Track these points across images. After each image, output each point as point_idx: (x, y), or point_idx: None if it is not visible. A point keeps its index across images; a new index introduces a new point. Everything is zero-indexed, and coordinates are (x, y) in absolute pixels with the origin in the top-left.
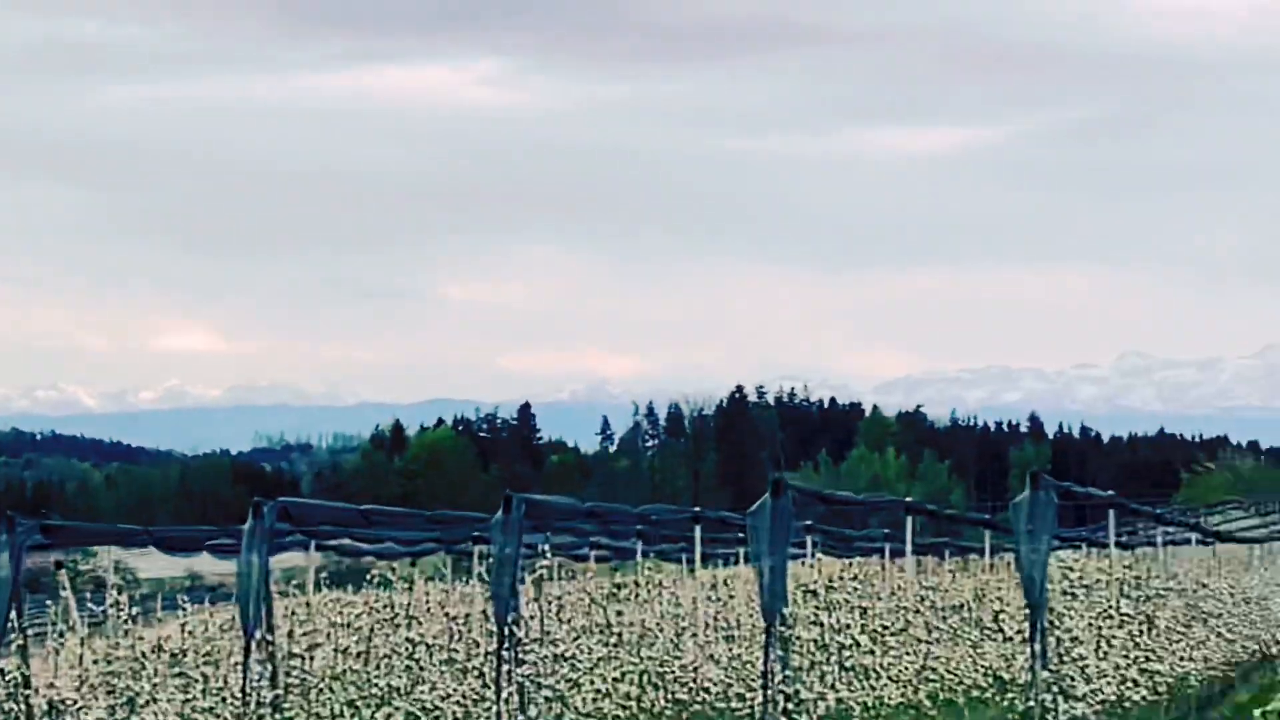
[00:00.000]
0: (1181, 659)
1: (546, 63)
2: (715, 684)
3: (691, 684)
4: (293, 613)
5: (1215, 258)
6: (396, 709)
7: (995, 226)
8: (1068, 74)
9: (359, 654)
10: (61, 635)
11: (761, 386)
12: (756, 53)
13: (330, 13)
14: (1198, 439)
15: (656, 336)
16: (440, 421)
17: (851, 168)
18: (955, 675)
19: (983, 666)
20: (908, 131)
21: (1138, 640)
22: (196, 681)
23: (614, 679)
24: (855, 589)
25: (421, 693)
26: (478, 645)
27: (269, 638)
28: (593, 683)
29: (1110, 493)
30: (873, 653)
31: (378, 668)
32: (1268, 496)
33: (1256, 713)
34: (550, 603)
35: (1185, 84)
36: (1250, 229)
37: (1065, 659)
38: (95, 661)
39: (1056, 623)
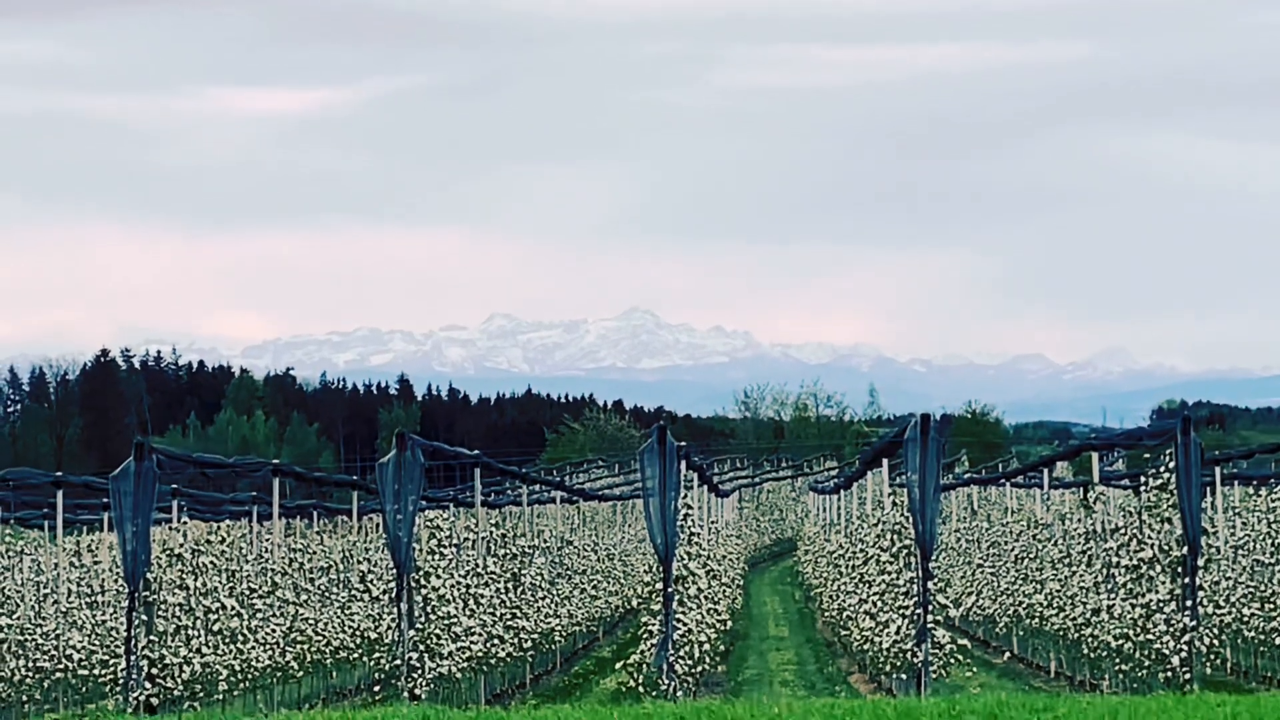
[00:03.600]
0: (547, 615)
1: None
2: (79, 651)
3: (55, 651)
4: None
5: (579, 223)
6: None
7: (363, 189)
8: (434, 37)
9: None
10: None
11: (129, 350)
12: (110, 13)
13: None
14: (564, 399)
15: (19, 300)
16: None
17: (215, 129)
18: (323, 637)
19: (351, 627)
20: (271, 92)
21: (505, 597)
22: None
23: None
24: (223, 552)
25: None
26: None
27: None
28: None
29: (476, 452)
30: (240, 616)
31: None
32: (630, 455)
33: (618, 665)
34: None
35: (546, 50)
36: (614, 196)
37: (433, 617)
38: None
39: (424, 582)
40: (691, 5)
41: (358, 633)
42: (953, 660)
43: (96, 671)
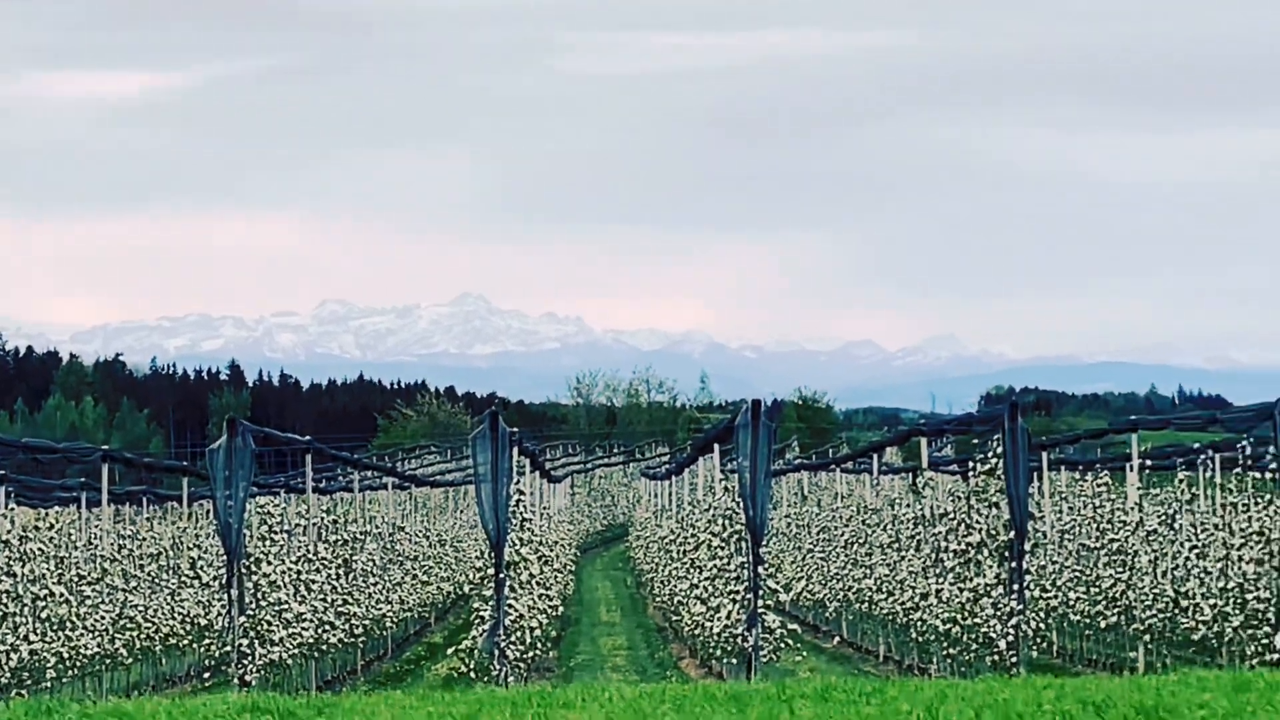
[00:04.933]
0: (379, 601)
1: None
2: None
3: None
4: None
5: (413, 209)
6: None
7: (194, 173)
8: (267, 21)
9: None
10: None
11: None
12: None
13: None
14: (396, 385)
15: None
16: None
17: (41, 112)
18: (153, 623)
19: (181, 614)
20: (97, 76)
21: (336, 584)
22: None
23: None
24: (51, 539)
25: None
26: None
27: None
28: None
29: (308, 438)
30: (69, 603)
31: None
32: (463, 441)
33: (450, 651)
34: None
35: (382, 35)
36: (448, 182)
37: (263, 604)
38: None
39: (254, 568)
40: None
41: (188, 619)
42: (783, 645)
43: None
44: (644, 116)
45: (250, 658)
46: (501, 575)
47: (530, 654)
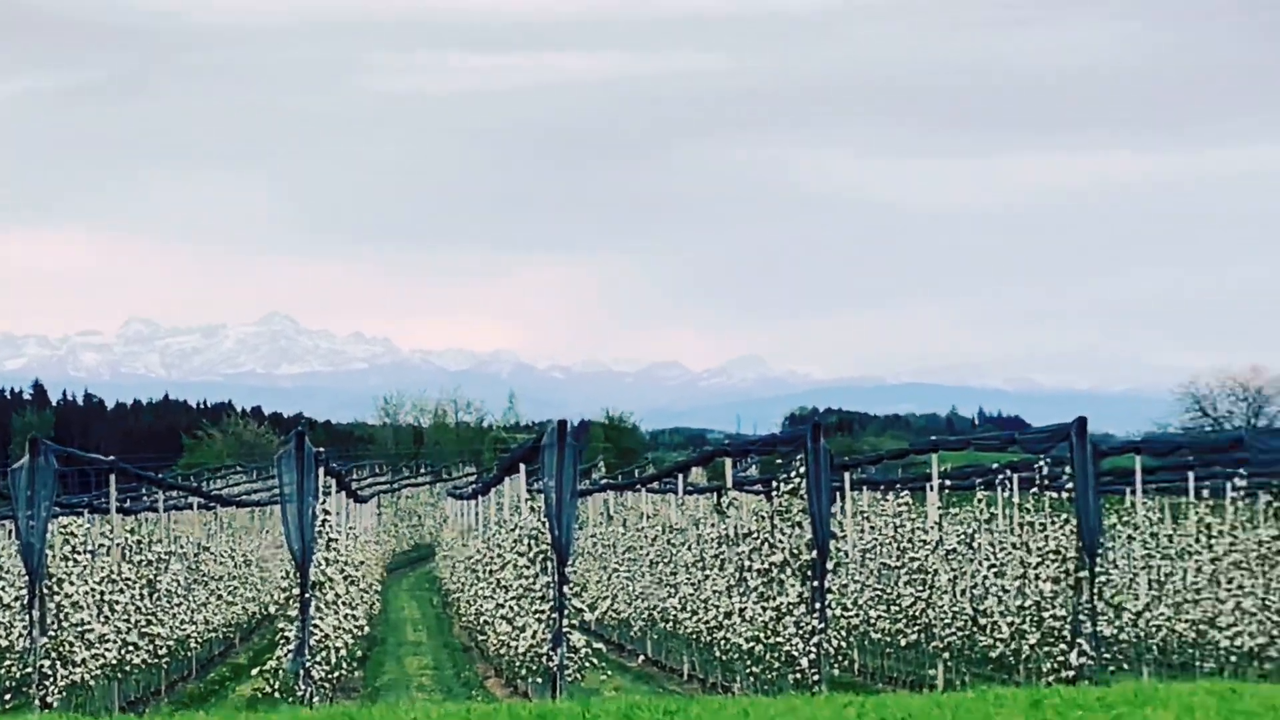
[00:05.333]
0: (183, 622)
1: None
2: None
3: None
4: None
5: (220, 228)
6: None
7: None
8: (69, 38)
9: None
10: None
11: None
12: None
13: None
14: (202, 405)
15: None
16: None
17: None
18: None
19: None
20: None
21: (140, 604)
22: None
23: None
24: None
25: None
26: None
27: None
28: None
29: (112, 458)
30: None
31: None
32: (269, 461)
33: (255, 671)
34: None
35: (187, 54)
36: (255, 200)
37: (66, 624)
38: None
39: (57, 588)
40: (332, 12)
41: None
42: (588, 664)
43: None
44: (452, 137)
45: (52, 679)
46: (307, 595)
47: (335, 674)
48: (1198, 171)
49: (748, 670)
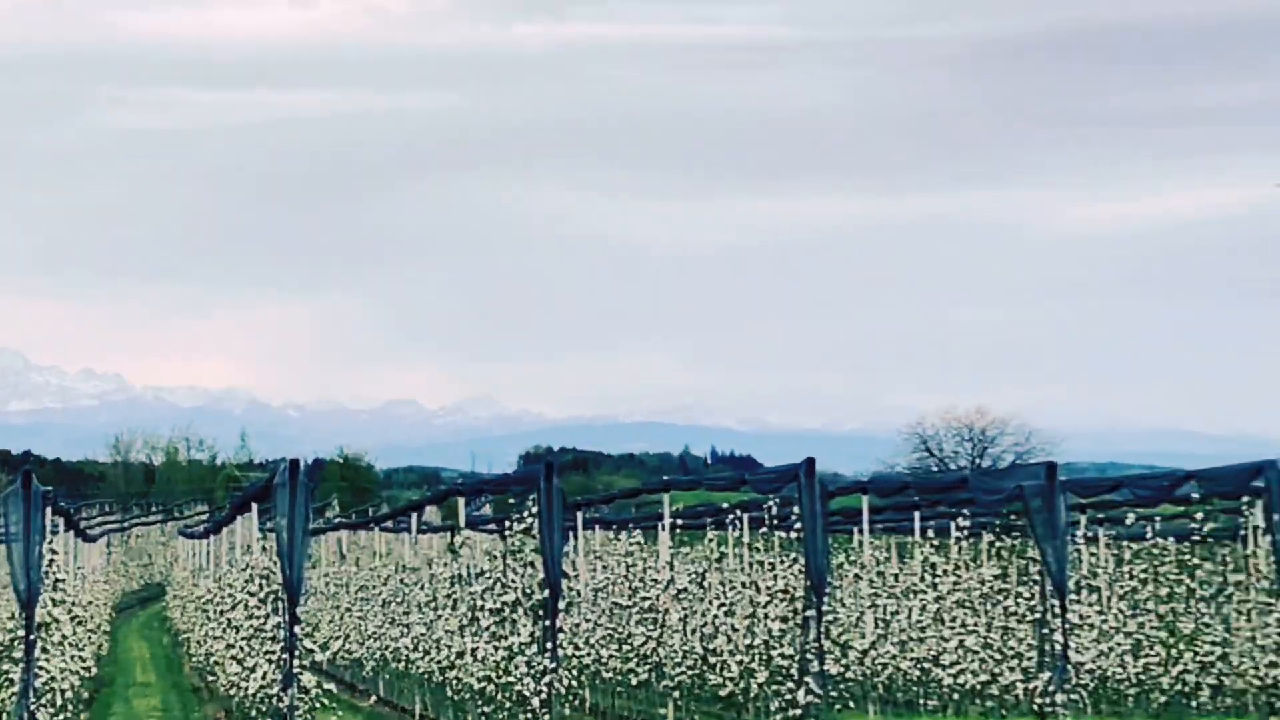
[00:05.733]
0: None
1: None
2: None
3: None
4: None
5: None
6: None
7: None
8: None
9: None
10: None
11: None
12: None
13: None
14: None
15: None
16: None
17: None
18: None
19: None
20: None
21: None
22: None
23: None
24: None
25: None
26: None
27: None
28: None
29: None
30: None
31: None
32: None
33: None
34: None
35: None
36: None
37: None
38: None
39: None
40: (57, 44)
41: None
42: (318, 704)
43: None
44: (182, 172)
45: None
46: (32, 637)
47: (61, 716)
48: (912, 216)
49: (479, 710)
